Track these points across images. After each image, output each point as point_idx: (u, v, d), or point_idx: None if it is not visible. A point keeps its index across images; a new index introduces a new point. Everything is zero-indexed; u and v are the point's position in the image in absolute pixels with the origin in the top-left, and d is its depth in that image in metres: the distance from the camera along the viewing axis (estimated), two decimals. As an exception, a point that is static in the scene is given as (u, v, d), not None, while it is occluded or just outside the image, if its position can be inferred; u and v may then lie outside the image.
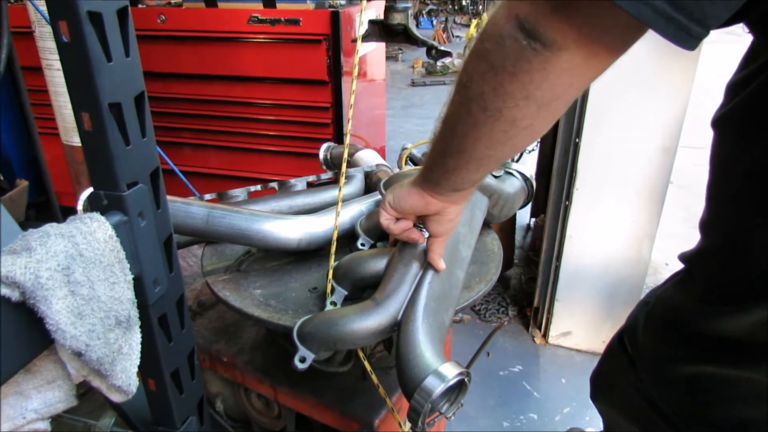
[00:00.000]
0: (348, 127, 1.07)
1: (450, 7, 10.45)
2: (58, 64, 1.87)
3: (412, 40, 1.71)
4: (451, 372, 0.85)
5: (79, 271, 0.58)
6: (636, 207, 2.30)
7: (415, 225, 0.98)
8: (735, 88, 0.72)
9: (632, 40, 0.57)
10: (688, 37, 0.51)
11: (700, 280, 0.78)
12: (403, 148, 2.72)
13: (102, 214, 0.65)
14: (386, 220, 0.94)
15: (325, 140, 1.80)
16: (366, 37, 1.75)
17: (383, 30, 1.66)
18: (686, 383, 0.79)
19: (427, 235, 0.96)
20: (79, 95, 0.62)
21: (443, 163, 0.78)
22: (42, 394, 0.62)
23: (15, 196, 2.80)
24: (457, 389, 0.89)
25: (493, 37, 0.61)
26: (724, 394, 0.75)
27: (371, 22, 1.71)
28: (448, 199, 0.84)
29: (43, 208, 3.40)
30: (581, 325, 2.60)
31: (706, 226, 0.78)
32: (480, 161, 0.73)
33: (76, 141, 2.02)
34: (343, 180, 1.13)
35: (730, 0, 0.51)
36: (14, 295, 0.53)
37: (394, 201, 0.91)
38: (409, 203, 0.88)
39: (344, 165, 1.09)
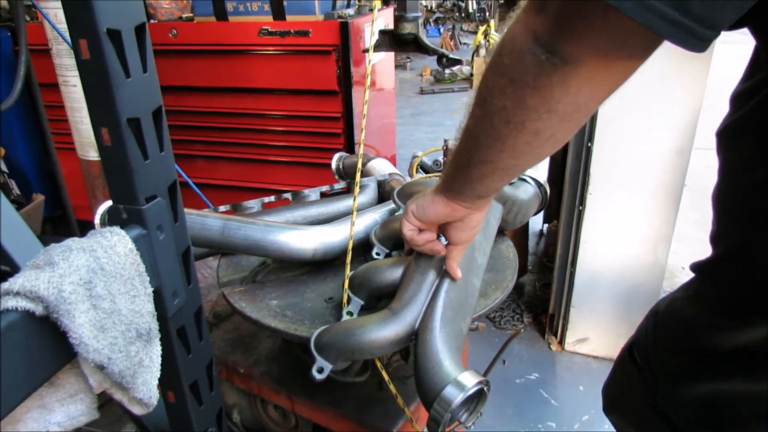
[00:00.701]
0: (362, 136, 1.07)
1: (457, 15, 10.47)
2: (74, 81, 1.90)
3: (423, 49, 1.71)
4: (470, 381, 0.84)
5: (101, 285, 0.59)
6: (651, 210, 2.28)
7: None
8: (739, 99, 0.71)
9: (650, 49, 0.56)
10: (697, 41, 0.51)
11: (710, 292, 0.77)
12: (414, 157, 2.72)
13: (121, 227, 0.66)
14: (410, 230, 0.94)
15: (336, 150, 1.81)
16: (377, 47, 1.76)
17: (394, 39, 1.67)
18: (698, 399, 0.78)
19: (445, 243, 0.96)
20: (98, 111, 0.64)
21: (467, 173, 0.78)
22: (65, 407, 0.63)
23: (31, 211, 2.83)
24: (477, 398, 0.89)
25: (512, 52, 0.61)
26: (737, 411, 0.73)
27: (381, 32, 1.72)
28: (472, 205, 0.84)
29: (59, 222, 3.45)
30: (598, 331, 2.57)
31: (714, 237, 0.77)
32: (504, 170, 0.74)
33: (92, 156, 2.05)
34: (357, 189, 1.13)
35: (739, 2, 0.51)
36: (38, 310, 0.54)
37: (417, 210, 0.90)
38: (434, 211, 0.87)
39: (358, 174, 1.09)
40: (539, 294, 2.99)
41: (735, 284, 0.72)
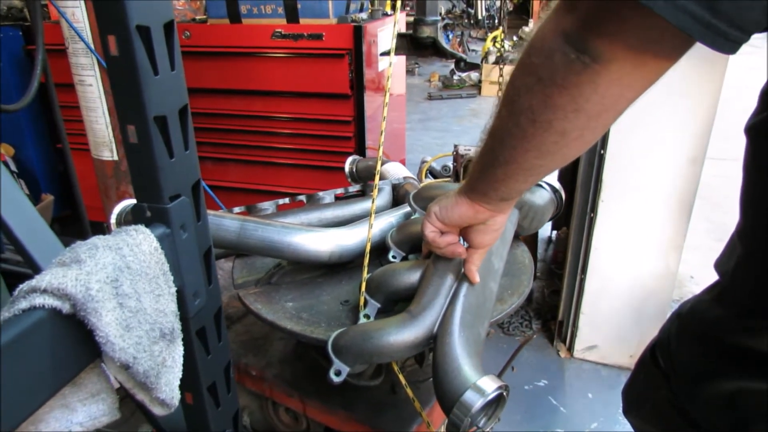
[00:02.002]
0: (381, 138, 1.07)
1: (466, 21, 10.49)
2: (90, 80, 1.91)
3: (441, 53, 1.71)
4: (490, 386, 0.84)
5: (127, 283, 0.58)
6: (663, 219, 2.26)
7: None
8: None
9: (680, 50, 0.56)
10: (726, 42, 0.51)
11: (737, 293, 0.77)
12: (423, 162, 2.70)
13: (146, 226, 0.65)
14: (432, 232, 0.93)
15: (347, 154, 1.81)
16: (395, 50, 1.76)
17: (412, 43, 1.67)
18: (723, 399, 0.77)
19: (465, 246, 0.96)
20: (125, 108, 0.63)
21: (492, 174, 0.78)
22: (87, 407, 0.62)
23: (40, 211, 2.84)
24: (496, 403, 0.88)
25: (542, 51, 0.62)
26: (762, 409, 0.73)
27: (399, 36, 1.72)
28: (496, 208, 0.84)
29: (67, 223, 3.45)
30: (607, 338, 2.56)
31: (741, 235, 0.76)
32: (529, 171, 0.74)
33: (105, 155, 2.06)
34: (376, 192, 1.13)
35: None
36: (65, 308, 0.53)
37: (441, 212, 0.90)
38: (458, 213, 0.87)
39: (377, 177, 1.09)
40: (548, 300, 2.98)
41: (762, 282, 0.71)
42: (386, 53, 2.41)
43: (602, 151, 2.23)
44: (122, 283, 0.58)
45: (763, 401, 0.72)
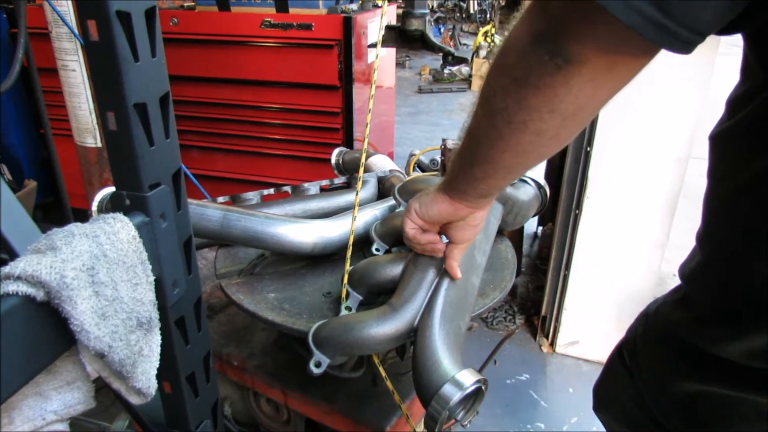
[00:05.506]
0: (367, 131, 1.06)
1: (458, 15, 10.47)
2: (73, 65, 1.88)
3: (429, 46, 1.71)
4: (468, 379, 0.84)
5: (103, 272, 0.58)
6: (648, 217, 2.28)
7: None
8: (734, 105, 0.71)
9: (649, 51, 0.57)
10: (675, 41, 0.51)
11: (697, 298, 0.77)
12: (411, 155, 2.70)
13: (124, 214, 0.65)
14: (412, 229, 0.93)
15: (335, 145, 1.80)
16: (383, 43, 1.75)
17: (400, 35, 1.66)
18: (684, 399, 0.78)
19: (445, 242, 0.96)
20: (105, 95, 0.62)
21: (470, 173, 0.78)
22: (61, 395, 0.62)
23: (23, 197, 2.80)
24: (474, 397, 0.88)
25: (515, 52, 0.62)
26: (722, 413, 0.74)
27: (388, 28, 1.71)
28: (476, 204, 0.84)
29: (50, 209, 3.41)
30: (589, 334, 2.58)
31: (701, 241, 0.77)
32: (507, 169, 0.74)
33: (89, 142, 2.03)
34: (360, 184, 1.12)
35: (720, 4, 0.50)
36: (39, 295, 0.53)
37: (421, 209, 0.90)
38: (437, 210, 0.87)
39: (362, 169, 1.08)
40: (532, 296, 3.00)
41: (722, 292, 0.72)
42: (374, 45, 2.39)
43: (588, 149, 2.25)
44: (98, 271, 0.57)
45: (722, 405, 0.73)
